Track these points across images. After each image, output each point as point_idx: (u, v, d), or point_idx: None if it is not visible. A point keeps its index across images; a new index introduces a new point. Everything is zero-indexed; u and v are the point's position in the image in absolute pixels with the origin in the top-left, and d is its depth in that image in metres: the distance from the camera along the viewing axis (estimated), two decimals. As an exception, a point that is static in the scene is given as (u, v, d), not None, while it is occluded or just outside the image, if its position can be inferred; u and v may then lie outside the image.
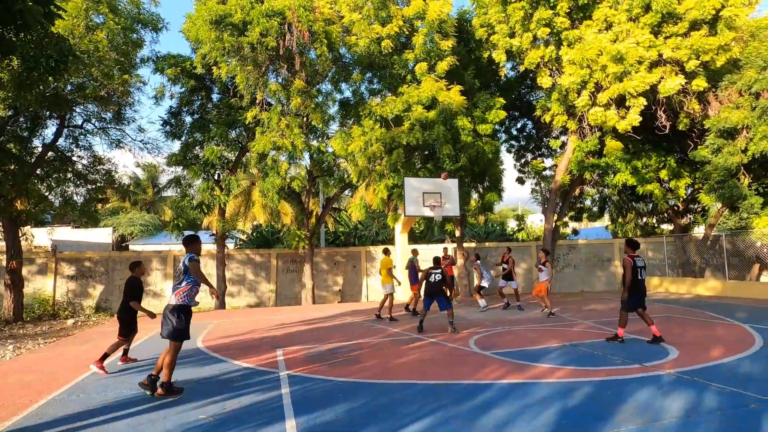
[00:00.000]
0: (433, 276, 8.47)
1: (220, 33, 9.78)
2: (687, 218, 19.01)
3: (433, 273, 8.49)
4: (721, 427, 3.60)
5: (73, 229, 27.42)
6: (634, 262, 6.86)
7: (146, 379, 4.89)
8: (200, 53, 10.39)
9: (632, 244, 7.10)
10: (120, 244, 35.00)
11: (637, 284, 6.91)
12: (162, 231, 43.38)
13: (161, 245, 34.91)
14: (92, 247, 23.81)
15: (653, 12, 11.77)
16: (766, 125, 11.51)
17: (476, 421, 3.88)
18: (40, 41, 6.29)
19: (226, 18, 9.81)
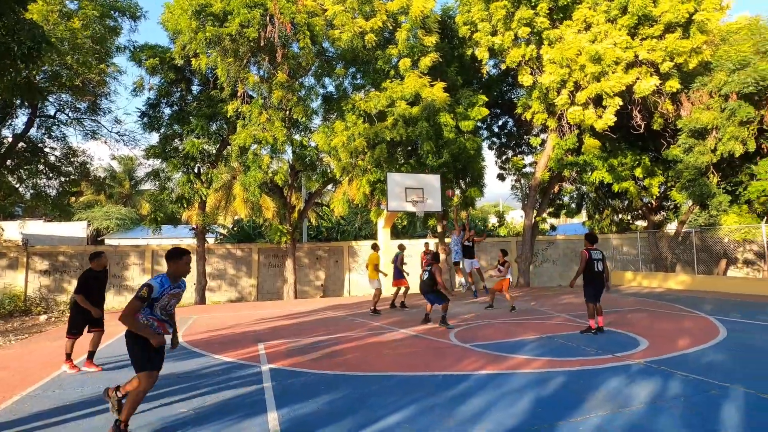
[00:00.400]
0: (423, 273, 8.29)
1: (200, 23, 9.60)
2: (660, 215, 19.67)
3: (424, 270, 8.25)
4: (684, 412, 3.80)
5: (45, 223, 26.60)
6: (590, 255, 7.18)
7: (112, 391, 3.84)
8: (179, 43, 10.18)
9: (590, 238, 7.47)
10: (95, 239, 34.11)
11: (592, 276, 7.18)
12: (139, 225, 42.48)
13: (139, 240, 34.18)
14: (65, 242, 23.17)
15: (630, 14, 12.09)
16: (734, 126, 12.00)
17: (454, 410, 4.00)
18: (12, 27, 6.02)
19: (207, 8, 9.63)
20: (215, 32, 9.64)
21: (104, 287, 6.07)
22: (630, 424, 3.57)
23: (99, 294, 5.93)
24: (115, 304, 15.30)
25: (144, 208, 43.56)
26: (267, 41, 10.24)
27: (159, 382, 4.39)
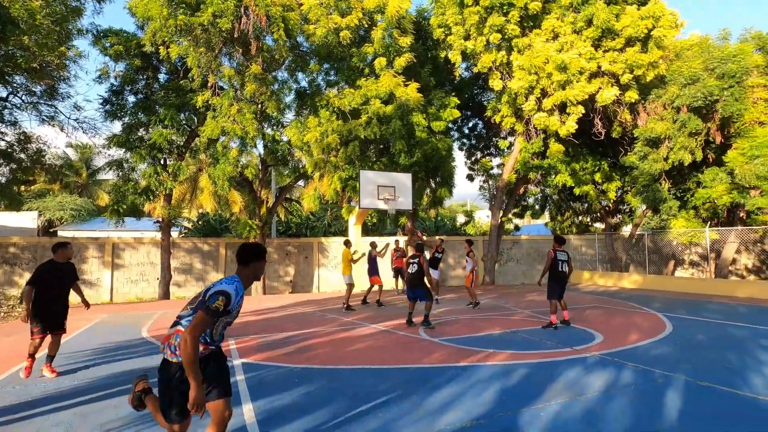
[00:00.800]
0: (410, 267, 8.06)
1: (172, 11, 9.33)
2: (617, 218, 20.80)
3: (411, 263, 8.05)
4: (634, 399, 4.16)
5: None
6: (555, 255, 7.65)
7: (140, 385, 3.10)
8: (150, 30, 9.84)
9: (558, 240, 8.04)
10: (47, 230, 32.29)
11: (557, 275, 7.66)
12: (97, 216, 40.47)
13: (96, 232, 32.69)
14: (14, 233, 21.83)
15: (594, 27, 12.73)
16: (684, 137, 12.90)
17: (425, 400, 4.18)
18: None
19: (179, -4, 9.39)
20: (186, 21, 9.38)
21: (69, 282, 5.51)
22: (585, 410, 3.88)
23: (61, 289, 5.40)
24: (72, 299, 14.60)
25: (102, 199, 41.59)
26: (241, 33, 10.08)
27: (130, 377, 4.35)
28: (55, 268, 5.37)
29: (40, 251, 14.73)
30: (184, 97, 12.65)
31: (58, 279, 5.37)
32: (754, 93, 12.59)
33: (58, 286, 5.40)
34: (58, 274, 5.38)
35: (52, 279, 5.29)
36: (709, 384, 4.55)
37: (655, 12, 12.45)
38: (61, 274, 5.42)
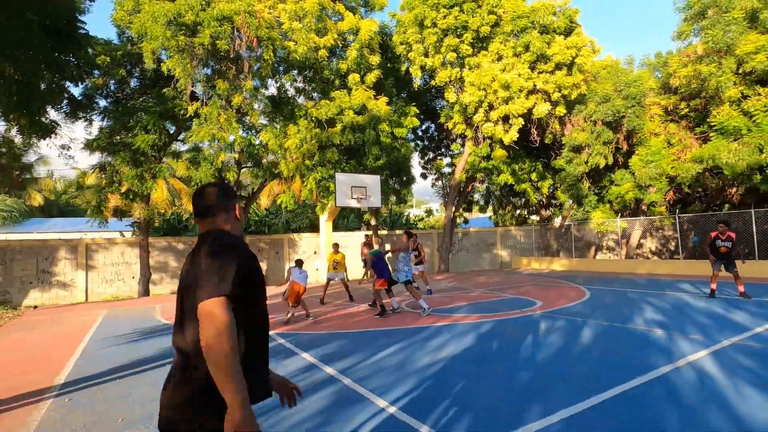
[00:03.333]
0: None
1: (174, 31, 10.22)
2: (549, 211, 24.03)
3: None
4: (565, 334, 6.28)
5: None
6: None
7: None
8: (149, 48, 10.62)
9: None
10: (-27, 233, 30.15)
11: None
12: (30, 218, 37.97)
13: (33, 233, 31.06)
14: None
15: (531, 52, 15.22)
16: (600, 145, 15.85)
17: (424, 346, 6.01)
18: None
19: (179, 18, 10.27)
20: (188, 41, 10.34)
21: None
22: (535, 343, 5.92)
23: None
24: (45, 301, 14.77)
25: (34, 199, 38.99)
26: (235, 53, 11.17)
27: None
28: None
29: (10, 254, 14.65)
30: (166, 104, 13.39)
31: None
32: (651, 110, 15.77)
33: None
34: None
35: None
36: (611, 323, 6.84)
37: (577, 43, 15.18)
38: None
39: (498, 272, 18.83)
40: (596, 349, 5.43)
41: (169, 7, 10.22)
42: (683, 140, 14.62)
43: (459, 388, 4.19)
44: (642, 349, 5.34)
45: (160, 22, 10.08)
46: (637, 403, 3.64)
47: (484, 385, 4.23)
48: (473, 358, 5.23)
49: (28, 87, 4.20)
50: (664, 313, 7.67)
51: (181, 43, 10.24)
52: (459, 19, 15.37)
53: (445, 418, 3.50)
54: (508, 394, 3.97)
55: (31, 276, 14.82)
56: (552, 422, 3.34)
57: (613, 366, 4.68)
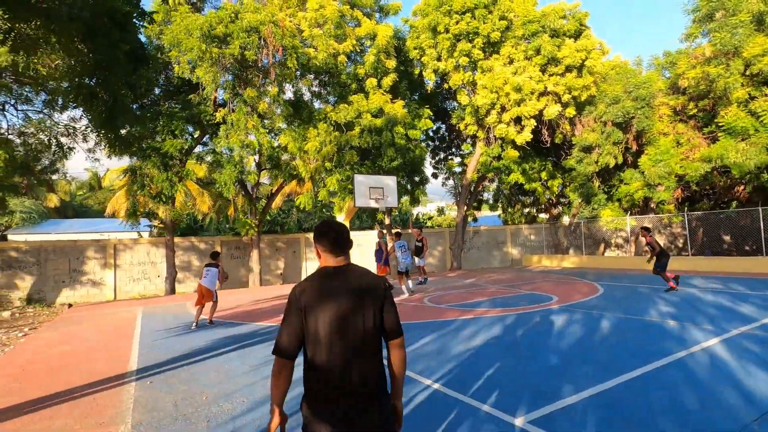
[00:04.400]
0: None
1: (208, 44, 10.78)
2: (558, 209, 24.45)
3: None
4: (583, 326, 6.79)
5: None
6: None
7: None
8: (184, 59, 11.20)
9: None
10: (-7, 235, 31.02)
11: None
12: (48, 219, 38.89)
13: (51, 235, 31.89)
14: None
15: (542, 55, 15.65)
16: (610, 145, 16.27)
17: (456, 336, 6.53)
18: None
19: (211, 30, 10.82)
20: (220, 53, 10.89)
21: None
22: (558, 333, 6.43)
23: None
24: (77, 299, 15.43)
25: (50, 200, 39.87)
26: (262, 62, 11.73)
27: (248, 334, 6.27)
28: None
29: (44, 254, 15.33)
30: (192, 109, 13.97)
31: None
32: (660, 110, 16.16)
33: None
34: None
35: None
36: (627, 316, 7.33)
37: (587, 46, 15.60)
38: None
39: (510, 270, 19.30)
40: (615, 337, 5.93)
41: (202, 21, 10.78)
42: (691, 140, 15.01)
43: (495, 369, 4.71)
44: (657, 337, 5.84)
45: (194, 35, 10.63)
46: (658, 382, 4.15)
47: (518, 368, 4.76)
48: (503, 345, 5.75)
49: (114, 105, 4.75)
50: (675, 306, 8.15)
51: (214, 54, 10.80)
52: (471, 25, 15.84)
53: (489, 393, 4.03)
54: (541, 375, 4.49)
55: (63, 275, 15.50)
56: (583, 397, 3.86)
57: (632, 352, 5.19)
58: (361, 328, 1.85)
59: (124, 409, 4.18)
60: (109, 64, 4.51)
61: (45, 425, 3.88)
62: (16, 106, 13.95)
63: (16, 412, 4.24)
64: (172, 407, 4.15)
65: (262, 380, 4.79)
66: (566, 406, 3.69)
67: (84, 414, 4.09)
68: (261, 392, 4.40)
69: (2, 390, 4.97)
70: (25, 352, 7.03)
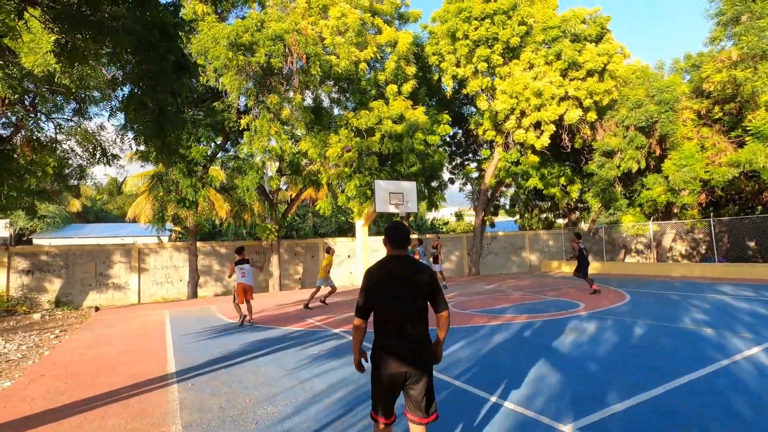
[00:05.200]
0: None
1: (234, 52, 11.03)
2: (576, 214, 24.19)
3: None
4: (613, 333, 6.71)
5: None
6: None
7: None
8: (210, 68, 11.48)
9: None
10: (20, 239, 31.86)
11: None
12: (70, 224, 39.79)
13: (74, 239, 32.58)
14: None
15: (562, 60, 15.60)
16: (632, 150, 16.09)
17: (488, 341, 6.52)
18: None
19: (238, 39, 11.08)
20: (246, 61, 11.14)
21: None
22: (592, 340, 6.37)
23: None
24: (103, 302, 15.76)
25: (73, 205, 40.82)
26: (286, 70, 11.94)
27: (280, 338, 6.35)
28: None
29: (72, 258, 15.71)
30: (216, 116, 14.24)
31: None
32: (683, 114, 15.95)
33: None
34: None
35: None
36: (659, 323, 7.23)
37: (609, 50, 15.51)
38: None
39: (530, 275, 19.13)
40: (651, 345, 5.85)
41: (228, 30, 11.04)
42: (717, 144, 14.78)
43: (534, 376, 4.70)
44: (696, 345, 5.75)
45: (221, 44, 10.89)
46: (707, 389, 4.09)
47: (557, 374, 4.73)
48: (537, 352, 5.71)
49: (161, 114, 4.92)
50: (708, 313, 8.00)
51: (240, 62, 11.04)
52: (490, 31, 15.88)
53: (532, 400, 4.02)
54: (582, 381, 4.46)
55: (90, 278, 15.86)
56: (632, 404, 3.83)
57: (672, 359, 5.12)
58: (409, 299, 2.59)
59: (172, 410, 4.27)
60: (156, 75, 4.67)
61: (99, 424, 3.98)
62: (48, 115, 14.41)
63: (70, 410, 4.37)
64: (218, 409, 4.23)
65: (300, 384, 4.85)
66: (615, 413, 3.66)
67: (135, 414, 4.19)
68: (302, 396, 4.46)
69: (52, 390, 5.12)
70: (64, 353, 7.21)
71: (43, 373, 5.98)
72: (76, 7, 4.49)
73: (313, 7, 13.92)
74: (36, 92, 11.64)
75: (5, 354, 7.63)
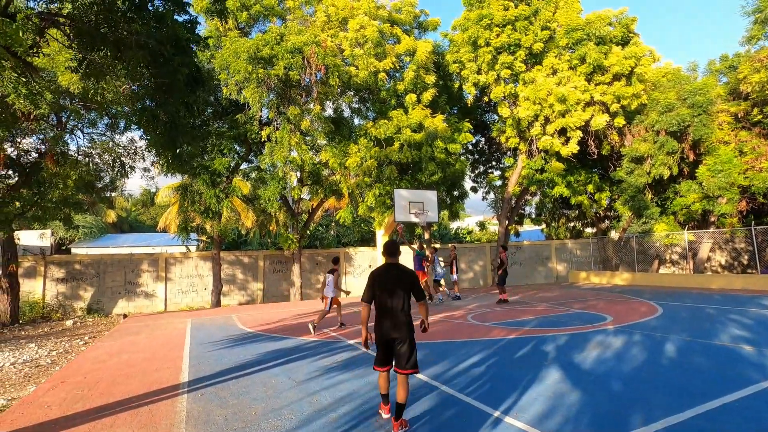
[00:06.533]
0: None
1: (254, 66, 11.31)
2: (606, 223, 23.31)
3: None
4: (644, 349, 6.31)
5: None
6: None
7: None
8: (232, 81, 11.81)
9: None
10: (59, 247, 33.39)
11: None
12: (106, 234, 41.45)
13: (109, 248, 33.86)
14: (27, 250, 22.80)
15: (587, 64, 15.17)
16: (663, 155, 15.39)
17: (506, 356, 6.24)
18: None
19: (258, 53, 11.36)
20: (266, 74, 11.39)
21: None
22: (618, 356, 6.00)
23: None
24: (131, 309, 16.24)
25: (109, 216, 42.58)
26: (305, 81, 12.14)
27: (293, 348, 6.28)
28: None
29: (103, 267, 16.31)
30: (238, 129, 14.56)
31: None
32: (718, 117, 15.17)
33: None
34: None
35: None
36: (694, 339, 6.76)
37: (636, 53, 14.98)
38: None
39: (556, 286, 18.49)
40: (684, 362, 5.45)
41: (249, 44, 11.32)
42: (757, 148, 13.94)
43: (553, 394, 4.43)
44: (733, 363, 5.31)
45: (242, 58, 11.17)
46: (743, 414, 3.74)
47: (579, 393, 4.45)
48: (559, 368, 5.42)
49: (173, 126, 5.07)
50: (749, 329, 7.43)
51: (260, 75, 11.28)
52: (512, 37, 15.65)
53: (551, 420, 3.77)
54: (607, 401, 4.17)
55: (119, 287, 16.40)
56: (659, 428, 3.53)
57: (706, 379, 4.73)
58: (400, 292, 3.89)
59: (178, 420, 4.25)
60: (169, 88, 4.77)
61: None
62: (82, 130, 15.12)
63: (82, 418, 4.42)
64: (223, 421, 4.18)
65: (307, 397, 4.76)
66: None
67: (142, 424, 4.20)
68: (308, 410, 4.36)
69: (69, 397, 5.22)
70: (87, 360, 7.40)
71: (64, 379, 6.12)
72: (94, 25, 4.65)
73: (333, 19, 14.12)
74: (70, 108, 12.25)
75: (36, 359, 7.91)
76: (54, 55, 8.65)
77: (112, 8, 4.56)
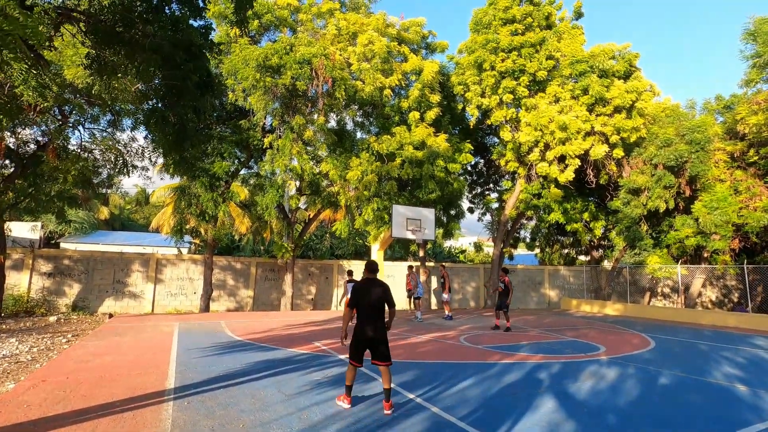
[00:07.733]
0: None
1: (262, 74, 11.40)
2: (599, 252, 23.43)
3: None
4: (640, 385, 6.26)
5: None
6: None
7: None
8: (239, 87, 11.88)
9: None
10: (48, 241, 32.91)
11: None
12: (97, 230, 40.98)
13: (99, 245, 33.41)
14: (15, 242, 22.45)
15: (589, 95, 15.45)
16: (660, 189, 15.58)
17: (499, 381, 6.17)
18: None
19: (266, 61, 11.46)
20: (273, 83, 11.47)
21: None
22: (612, 389, 5.95)
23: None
24: (118, 309, 15.93)
25: (101, 213, 42.15)
26: (311, 92, 12.26)
27: (284, 360, 6.15)
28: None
29: (92, 263, 16.05)
30: (241, 134, 14.57)
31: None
32: (715, 155, 15.44)
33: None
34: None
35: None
36: (687, 375, 6.72)
37: (638, 87, 15.29)
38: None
39: (548, 313, 18.44)
40: (677, 399, 5.41)
41: (259, 52, 11.43)
42: (752, 188, 14.16)
43: (547, 423, 4.36)
44: (728, 403, 5.28)
45: (251, 66, 11.26)
46: (738, 456, 3.69)
47: (575, 424, 4.38)
48: (551, 396, 5.35)
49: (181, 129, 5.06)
50: (741, 368, 7.42)
51: (267, 83, 11.35)
52: (517, 63, 15.94)
53: (545, 453, 3.69)
54: (601, 436, 4.10)
55: (107, 285, 16.12)
56: (654, 467, 3.46)
57: (700, 418, 4.69)
58: (377, 301, 4.76)
59: (162, 429, 4.12)
60: (179, 91, 4.77)
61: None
62: (84, 125, 15.06)
63: (62, 420, 4.27)
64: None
65: (297, 412, 4.65)
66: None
67: (125, 431, 4.06)
68: (297, 426, 4.25)
69: (50, 398, 5.06)
70: (70, 359, 7.21)
71: (45, 378, 5.95)
72: (110, 23, 4.67)
73: (343, 33, 14.32)
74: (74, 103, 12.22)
75: (16, 355, 7.70)
76: (62, 49, 8.67)
77: (130, 8, 4.58)
